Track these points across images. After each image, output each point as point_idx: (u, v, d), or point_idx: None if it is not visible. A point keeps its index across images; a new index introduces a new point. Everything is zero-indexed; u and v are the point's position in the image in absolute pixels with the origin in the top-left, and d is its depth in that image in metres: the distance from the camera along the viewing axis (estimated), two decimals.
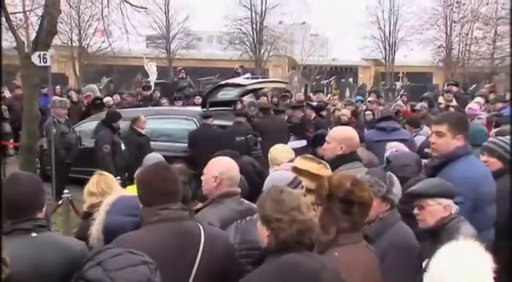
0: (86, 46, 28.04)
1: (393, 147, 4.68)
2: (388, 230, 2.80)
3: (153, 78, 17.28)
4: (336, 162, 3.47)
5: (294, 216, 2.08)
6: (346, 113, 9.23)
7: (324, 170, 3.27)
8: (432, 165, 3.41)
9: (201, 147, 7.73)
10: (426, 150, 4.98)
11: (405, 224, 2.91)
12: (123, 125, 8.22)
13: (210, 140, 7.80)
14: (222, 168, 3.04)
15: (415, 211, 2.82)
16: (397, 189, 2.93)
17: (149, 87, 14.67)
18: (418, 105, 9.67)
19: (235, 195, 3.05)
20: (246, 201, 3.08)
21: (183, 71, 16.04)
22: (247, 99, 11.53)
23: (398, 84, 27.29)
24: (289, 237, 2.07)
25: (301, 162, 3.37)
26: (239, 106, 10.41)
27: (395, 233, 2.80)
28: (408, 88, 22.94)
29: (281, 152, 4.42)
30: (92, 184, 3.49)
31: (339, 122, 9.02)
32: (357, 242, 2.36)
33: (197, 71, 24.20)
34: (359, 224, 2.39)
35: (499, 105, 9.14)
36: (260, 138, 8.40)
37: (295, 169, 3.30)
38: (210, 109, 8.91)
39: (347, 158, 3.53)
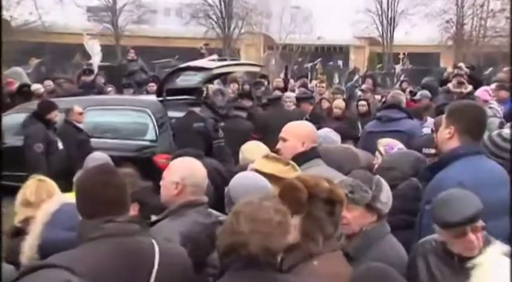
0: (8, 18, 27.54)
1: (386, 145, 4.72)
2: (373, 246, 2.81)
3: (95, 60, 17.07)
4: (296, 162, 3.53)
5: (228, 224, 2.29)
6: (340, 104, 9.24)
7: (293, 173, 3.29)
8: (426, 166, 3.44)
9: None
10: (425, 150, 5.03)
11: (394, 238, 2.93)
12: (60, 118, 8.13)
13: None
14: (184, 172, 3.05)
15: (471, 238, 2.62)
16: (386, 196, 2.92)
17: (91, 71, 14.52)
18: (418, 94, 9.76)
19: (201, 205, 3.07)
20: (215, 213, 3.10)
21: (133, 51, 15.95)
22: (213, 86, 11.51)
23: (398, 67, 27.56)
24: (220, 248, 2.28)
25: (264, 164, 3.38)
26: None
27: (382, 249, 2.81)
28: (410, 72, 23.19)
29: (254, 151, 4.44)
30: (29, 192, 3.42)
31: (330, 115, 9.09)
32: (335, 250, 2.50)
33: (151, 52, 24.06)
34: (338, 227, 2.57)
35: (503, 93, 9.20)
36: (222, 123, 8.44)
37: (257, 172, 3.31)
38: (168, 98, 8.88)
39: (309, 155, 3.64)
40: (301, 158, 3.58)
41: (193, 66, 9.29)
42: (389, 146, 4.64)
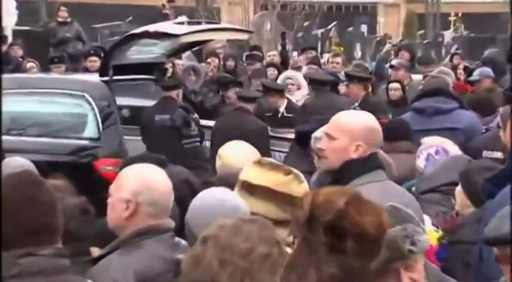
0: None
1: (430, 146, 4.75)
2: None
3: (9, 22, 17.04)
4: (346, 174, 3.50)
5: (193, 256, 2.41)
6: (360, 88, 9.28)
7: (296, 186, 3.31)
8: (488, 177, 3.46)
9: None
10: (486, 153, 5.05)
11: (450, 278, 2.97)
12: None
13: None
14: (139, 186, 3.07)
15: None
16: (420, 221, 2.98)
17: (2, 39, 14.47)
18: (477, 73, 9.74)
19: (164, 231, 3.10)
20: (184, 243, 3.12)
21: (65, 9, 15.87)
22: (183, 61, 11.51)
23: (448, 34, 27.68)
24: None
25: (256, 173, 3.39)
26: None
27: None
28: (465, 41, 23.32)
29: (235, 156, 4.50)
30: None
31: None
32: None
33: (91, 11, 24.01)
34: (354, 271, 2.39)
35: None
36: (196, 115, 8.42)
37: (246, 185, 3.33)
38: (116, 78, 8.88)
39: (367, 164, 3.57)
40: (354, 169, 3.50)
41: (152, 32, 9.29)
42: (437, 148, 4.68)
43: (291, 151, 7.28)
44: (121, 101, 8.69)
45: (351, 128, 3.61)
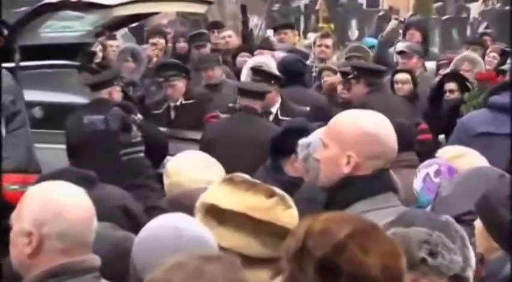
0: None
1: (432, 164, 4.85)
2: None
3: None
4: (342, 195, 3.57)
5: None
6: None
7: (281, 212, 3.33)
8: None
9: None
10: None
11: None
12: None
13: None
14: (43, 213, 3.08)
15: None
16: (473, 255, 3.02)
17: None
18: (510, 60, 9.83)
19: (85, 272, 3.11)
20: None
21: None
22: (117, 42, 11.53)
23: (475, 8, 27.82)
24: None
25: (226, 195, 3.40)
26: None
27: None
28: (496, 18, 23.45)
29: (191, 170, 4.63)
30: None
31: (335, 98, 9.20)
32: None
33: None
34: None
35: None
36: (139, 116, 8.46)
37: (212, 211, 3.35)
38: (25, 65, 8.87)
39: (374, 184, 3.62)
40: (356, 189, 3.57)
41: (74, 1, 9.29)
42: (440, 167, 4.79)
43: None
44: (31, 95, 8.69)
45: (340, 132, 3.67)
